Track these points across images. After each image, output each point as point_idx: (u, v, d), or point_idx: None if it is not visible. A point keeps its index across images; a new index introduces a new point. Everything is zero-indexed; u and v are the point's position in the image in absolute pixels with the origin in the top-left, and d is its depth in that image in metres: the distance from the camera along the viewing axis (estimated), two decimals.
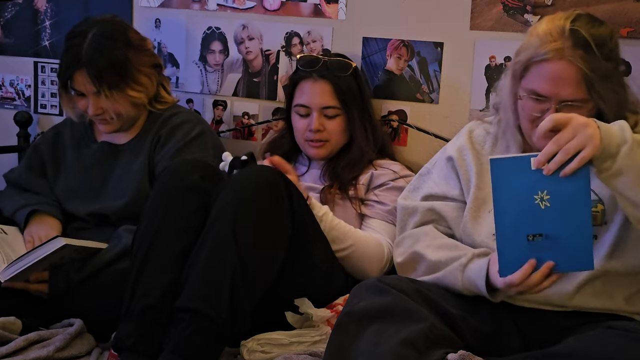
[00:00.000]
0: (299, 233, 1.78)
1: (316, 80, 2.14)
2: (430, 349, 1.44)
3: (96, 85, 2.09)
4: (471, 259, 1.64)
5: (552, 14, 1.67)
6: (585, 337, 1.49)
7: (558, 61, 1.57)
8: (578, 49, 1.56)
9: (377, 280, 1.58)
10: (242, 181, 1.75)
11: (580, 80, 1.56)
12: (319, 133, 2.14)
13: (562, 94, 1.57)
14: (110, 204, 2.16)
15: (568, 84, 1.57)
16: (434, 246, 1.74)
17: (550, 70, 1.58)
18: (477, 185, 1.76)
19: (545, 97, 1.59)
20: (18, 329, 1.85)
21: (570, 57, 1.56)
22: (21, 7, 2.77)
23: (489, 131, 1.81)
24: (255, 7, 2.48)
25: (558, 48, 1.56)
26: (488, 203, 1.72)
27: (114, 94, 2.11)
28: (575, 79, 1.56)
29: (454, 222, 1.79)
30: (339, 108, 2.14)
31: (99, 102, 2.12)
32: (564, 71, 1.57)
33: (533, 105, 1.61)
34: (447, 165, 1.83)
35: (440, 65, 2.28)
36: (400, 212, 1.89)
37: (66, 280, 1.95)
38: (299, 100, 2.17)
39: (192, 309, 1.63)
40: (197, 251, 1.70)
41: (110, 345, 1.81)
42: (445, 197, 1.81)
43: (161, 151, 2.16)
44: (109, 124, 2.17)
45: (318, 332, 1.77)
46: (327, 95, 2.13)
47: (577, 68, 1.56)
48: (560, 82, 1.57)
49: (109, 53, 2.10)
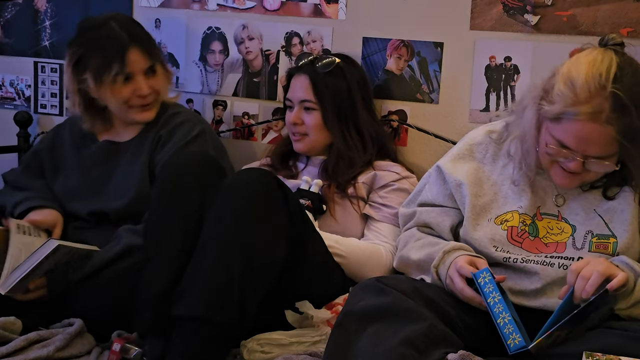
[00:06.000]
0: (296, 234, 1.79)
1: (299, 75, 2.19)
2: (430, 348, 1.44)
3: (151, 59, 2.16)
4: (441, 259, 1.70)
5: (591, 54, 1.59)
6: (585, 337, 1.49)
7: (591, 123, 1.53)
8: (616, 113, 1.52)
9: (376, 280, 1.58)
10: (239, 184, 1.75)
11: (612, 141, 1.54)
12: (297, 126, 2.18)
13: (590, 151, 1.56)
14: (111, 203, 2.16)
15: (597, 144, 1.55)
16: (416, 247, 1.81)
17: (581, 129, 1.54)
18: (475, 193, 1.77)
19: (571, 149, 1.58)
20: (18, 329, 1.85)
21: (605, 122, 1.52)
22: (21, 7, 2.77)
23: (493, 138, 1.83)
24: (255, 7, 2.48)
25: (595, 112, 1.52)
26: (487, 212, 1.76)
27: (162, 70, 2.21)
28: (606, 141, 1.54)
29: (438, 228, 1.83)
30: (315, 103, 2.15)
31: (149, 81, 2.17)
32: (594, 133, 1.54)
33: (558, 151, 1.60)
34: (435, 173, 1.89)
35: (440, 65, 2.28)
36: (400, 219, 1.97)
37: (65, 280, 1.95)
38: (287, 95, 2.23)
39: (200, 317, 1.63)
40: (199, 256, 1.70)
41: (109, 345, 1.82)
42: (433, 204, 1.86)
43: (162, 150, 2.16)
44: (151, 108, 2.20)
45: (318, 332, 1.77)
46: (305, 89, 2.17)
47: (609, 131, 1.53)
48: (590, 142, 1.55)
49: (144, 32, 2.21)
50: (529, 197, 1.72)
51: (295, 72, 2.21)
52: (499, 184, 1.78)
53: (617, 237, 1.66)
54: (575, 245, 1.68)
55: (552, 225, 1.71)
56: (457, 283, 1.62)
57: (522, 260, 1.67)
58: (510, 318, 1.53)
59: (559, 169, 1.64)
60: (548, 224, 1.71)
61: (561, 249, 1.68)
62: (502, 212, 1.74)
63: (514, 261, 1.68)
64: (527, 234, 1.71)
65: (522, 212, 1.72)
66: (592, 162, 1.59)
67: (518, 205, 1.72)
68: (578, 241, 1.68)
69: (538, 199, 1.73)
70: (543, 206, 1.73)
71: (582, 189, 1.71)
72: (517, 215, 1.72)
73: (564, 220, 1.71)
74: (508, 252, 1.70)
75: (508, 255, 1.69)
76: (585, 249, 1.67)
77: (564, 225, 1.70)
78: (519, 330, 1.52)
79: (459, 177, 1.80)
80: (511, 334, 1.52)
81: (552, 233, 1.70)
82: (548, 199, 1.73)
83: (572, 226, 1.70)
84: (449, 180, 1.82)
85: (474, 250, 1.73)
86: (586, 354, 1.40)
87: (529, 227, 1.71)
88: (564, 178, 1.64)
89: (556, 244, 1.69)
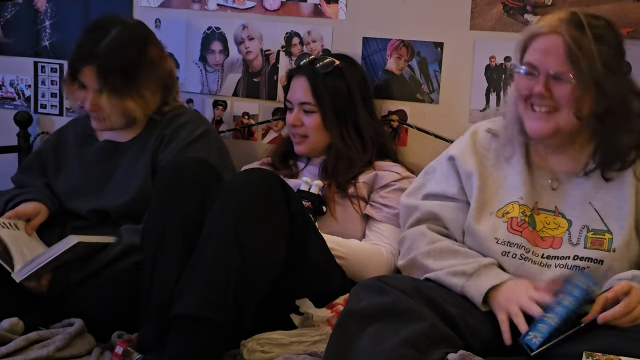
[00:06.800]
0: (297, 234, 1.78)
1: (299, 77, 2.19)
2: (431, 348, 1.44)
3: (100, 83, 2.10)
4: (477, 271, 1.67)
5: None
6: (585, 338, 1.49)
7: (551, 34, 1.66)
8: (572, 26, 1.64)
9: (377, 280, 1.58)
10: (240, 184, 1.75)
11: (568, 53, 1.63)
12: (297, 128, 2.18)
13: (548, 63, 1.65)
14: (112, 201, 2.16)
15: (554, 54, 1.64)
16: (434, 253, 1.77)
17: (542, 41, 1.67)
18: (480, 187, 1.79)
19: (535, 68, 1.67)
20: (20, 330, 1.85)
21: (561, 30, 1.64)
22: (21, 7, 2.77)
23: (494, 133, 1.84)
24: (255, 7, 2.48)
25: (553, 24, 1.66)
26: (489, 205, 1.77)
27: (113, 98, 2.12)
28: (562, 52, 1.64)
29: (452, 224, 1.82)
30: (314, 105, 2.15)
31: (98, 100, 2.12)
32: (552, 42, 1.65)
33: (525, 82, 1.69)
34: (448, 164, 1.87)
35: (440, 65, 2.28)
36: (402, 209, 1.94)
37: (66, 279, 1.95)
38: (287, 96, 2.22)
39: (199, 317, 1.62)
40: (199, 256, 1.70)
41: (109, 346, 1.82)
42: (445, 195, 1.85)
43: (165, 150, 2.16)
44: (100, 122, 2.17)
45: (318, 331, 1.77)
46: (304, 91, 2.17)
47: (565, 42, 1.63)
48: (548, 52, 1.65)
49: (123, 57, 2.11)
50: (528, 189, 1.75)
51: (295, 74, 2.21)
52: (500, 179, 1.79)
53: (612, 233, 1.67)
54: (571, 241, 1.70)
55: (549, 220, 1.73)
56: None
57: (521, 257, 1.69)
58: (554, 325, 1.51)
59: (530, 111, 1.70)
60: (545, 218, 1.73)
61: (557, 245, 1.70)
62: (504, 205, 1.76)
63: (512, 256, 1.69)
64: (526, 224, 1.72)
65: (522, 203, 1.74)
66: (554, 84, 1.65)
67: (518, 196, 1.74)
68: (574, 236, 1.70)
69: (536, 194, 1.75)
70: (540, 201, 1.75)
71: (576, 175, 1.74)
72: (517, 206, 1.74)
73: (561, 215, 1.72)
74: (508, 244, 1.71)
75: (508, 250, 1.71)
76: (581, 245, 1.68)
77: (561, 220, 1.72)
78: (545, 338, 1.50)
79: (469, 168, 1.82)
80: (539, 332, 1.51)
81: (549, 228, 1.72)
82: (545, 194, 1.75)
83: (569, 220, 1.72)
84: (461, 170, 1.83)
85: (477, 241, 1.74)
86: (586, 354, 1.40)
87: (529, 218, 1.72)
88: (537, 121, 1.69)
89: (552, 238, 1.71)
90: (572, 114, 1.66)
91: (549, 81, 1.66)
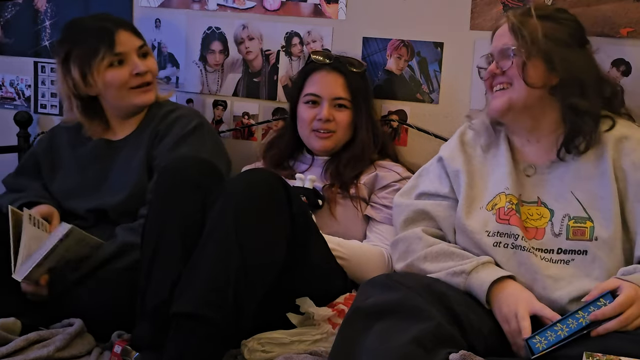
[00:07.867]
0: (298, 235, 1.79)
1: (329, 72, 2.19)
2: (437, 347, 1.44)
3: (141, 39, 2.19)
4: (475, 267, 1.68)
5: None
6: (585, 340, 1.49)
7: (503, 24, 1.82)
8: (519, 12, 1.80)
9: (385, 277, 1.59)
10: (242, 184, 1.75)
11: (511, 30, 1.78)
12: (328, 123, 2.16)
13: (498, 45, 1.81)
14: (109, 199, 2.17)
15: (504, 36, 1.80)
16: (431, 256, 1.78)
17: (498, 31, 1.84)
18: (468, 183, 1.83)
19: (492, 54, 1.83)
20: (18, 330, 1.85)
21: (509, 16, 1.79)
22: (21, 7, 2.77)
23: (474, 128, 1.90)
24: (255, 7, 2.48)
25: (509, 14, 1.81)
26: (478, 200, 1.81)
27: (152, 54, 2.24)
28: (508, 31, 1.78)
29: (445, 223, 1.85)
30: (349, 101, 2.17)
31: (144, 60, 2.18)
32: (504, 28, 1.80)
33: (490, 67, 1.82)
34: (438, 165, 1.92)
35: (440, 65, 2.28)
36: (395, 208, 1.97)
37: (63, 280, 1.95)
38: (310, 90, 2.20)
39: (198, 316, 1.62)
40: (199, 255, 1.70)
41: (109, 346, 1.82)
42: (438, 194, 1.89)
43: (159, 145, 2.16)
44: (151, 89, 2.21)
45: (319, 330, 1.77)
46: (339, 86, 2.17)
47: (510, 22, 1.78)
48: (499, 36, 1.82)
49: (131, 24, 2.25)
50: (513, 179, 1.78)
51: (321, 68, 2.20)
52: (487, 174, 1.84)
53: (593, 222, 1.68)
54: (554, 231, 1.72)
55: (532, 211, 1.76)
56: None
57: (512, 246, 1.71)
58: (561, 337, 1.51)
59: (491, 94, 1.83)
60: (528, 210, 1.76)
61: (540, 236, 1.73)
62: (492, 197, 1.78)
63: (504, 246, 1.71)
64: (514, 211, 1.74)
65: (509, 192, 1.76)
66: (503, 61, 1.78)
67: (505, 187, 1.77)
68: (556, 226, 1.72)
69: (519, 187, 1.78)
70: (524, 193, 1.78)
71: (552, 162, 1.78)
72: (504, 197, 1.77)
73: (543, 205, 1.75)
74: (498, 234, 1.73)
75: (499, 240, 1.73)
76: (563, 235, 1.70)
77: (543, 211, 1.75)
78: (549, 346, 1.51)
79: (456, 167, 1.86)
80: (547, 339, 1.51)
81: (532, 218, 1.75)
82: (528, 184, 1.79)
83: (551, 210, 1.74)
84: (449, 170, 1.87)
85: (468, 236, 1.77)
86: (586, 354, 1.40)
87: (515, 206, 1.74)
88: (494, 100, 1.81)
89: (535, 229, 1.74)
90: (522, 84, 1.74)
91: (500, 60, 1.79)
